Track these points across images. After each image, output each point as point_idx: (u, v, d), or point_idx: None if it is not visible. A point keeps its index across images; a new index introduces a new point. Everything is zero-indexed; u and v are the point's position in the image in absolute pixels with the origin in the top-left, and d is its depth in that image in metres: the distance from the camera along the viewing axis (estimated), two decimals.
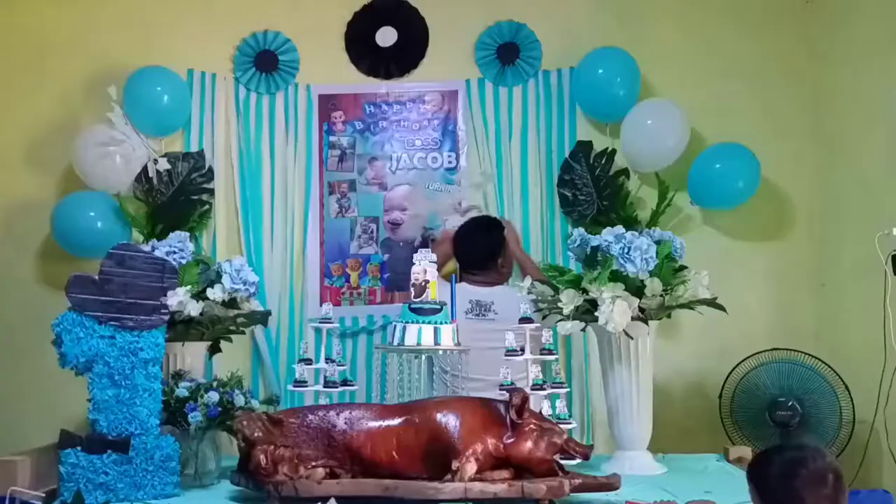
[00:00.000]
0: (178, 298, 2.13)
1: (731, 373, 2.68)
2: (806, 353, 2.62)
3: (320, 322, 2.31)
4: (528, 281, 2.38)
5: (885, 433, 2.46)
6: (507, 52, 3.09)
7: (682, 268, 2.24)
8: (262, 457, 1.79)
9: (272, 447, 1.80)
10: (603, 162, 2.98)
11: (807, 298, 2.97)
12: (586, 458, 1.86)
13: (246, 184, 3.04)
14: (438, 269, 2.31)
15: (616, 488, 1.79)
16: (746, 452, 2.37)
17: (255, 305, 2.40)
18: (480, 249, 2.60)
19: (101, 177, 2.90)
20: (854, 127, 2.81)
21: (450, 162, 3.10)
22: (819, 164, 3.00)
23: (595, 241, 2.22)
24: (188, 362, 2.23)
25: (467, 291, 2.51)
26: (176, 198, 2.94)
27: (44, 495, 1.78)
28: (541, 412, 1.95)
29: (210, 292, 2.22)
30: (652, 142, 2.86)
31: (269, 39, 3.09)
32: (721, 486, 1.98)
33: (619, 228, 2.21)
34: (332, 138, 3.10)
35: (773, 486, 1.41)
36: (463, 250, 2.64)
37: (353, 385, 2.29)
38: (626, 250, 2.12)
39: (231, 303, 2.29)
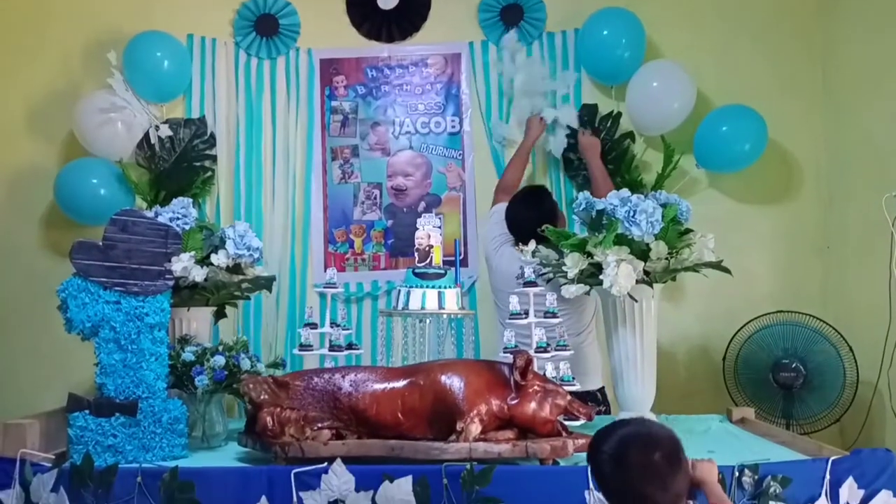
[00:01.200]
0: (183, 264, 2.13)
1: (735, 335, 2.68)
2: (810, 315, 2.62)
3: (325, 287, 2.32)
4: (531, 245, 2.37)
5: (889, 394, 2.47)
6: (511, 14, 3.05)
7: (688, 231, 2.22)
8: (268, 419, 1.80)
9: (278, 409, 1.82)
10: (608, 125, 2.95)
11: (812, 261, 2.96)
12: (590, 418, 1.87)
13: (247, 150, 3.02)
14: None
15: None
16: (749, 413, 2.38)
17: (260, 271, 2.41)
18: (531, 223, 2.56)
19: (103, 143, 2.89)
20: (863, 87, 2.77)
21: (453, 126, 3.08)
22: (827, 126, 2.97)
23: (600, 204, 2.20)
24: (194, 327, 2.24)
25: (518, 257, 2.49)
26: (178, 164, 2.93)
27: (53, 457, 1.80)
28: (544, 375, 1.96)
29: (214, 258, 2.22)
30: (657, 104, 2.83)
31: (269, 3, 3.05)
32: (723, 447, 1.99)
33: (625, 191, 2.19)
34: (333, 103, 3.08)
35: (605, 473, 1.40)
36: (514, 223, 2.60)
37: (358, 349, 2.30)
38: (631, 213, 2.11)
39: (235, 268, 2.29)
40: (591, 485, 1.62)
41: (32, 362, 2.98)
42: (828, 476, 1.71)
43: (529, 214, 2.42)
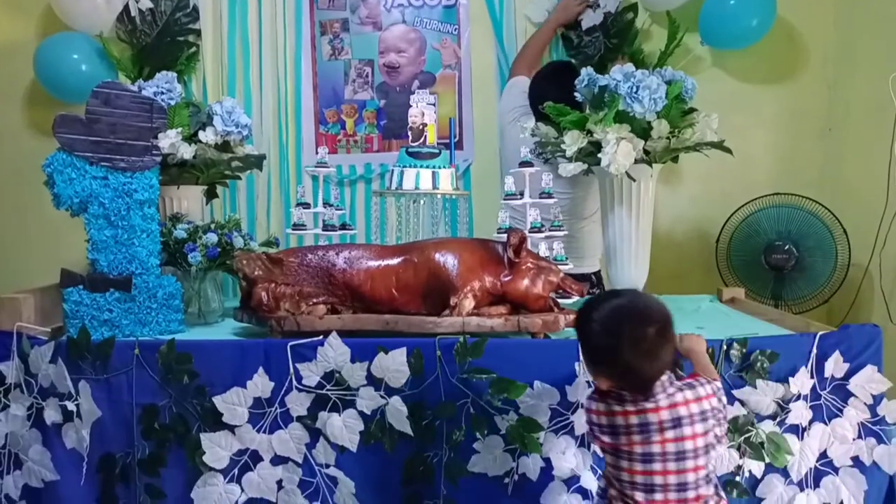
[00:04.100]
0: (170, 140, 2.08)
1: (730, 217, 2.67)
2: (806, 198, 2.60)
3: (316, 167, 2.28)
4: (531, 123, 2.31)
5: (879, 275, 2.49)
6: None
7: (692, 110, 2.16)
8: (263, 294, 1.81)
9: (273, 285, 1.82)
10: None
11: (813, 143, 2.91)
12: (582, 295, 1.88)
13: (231, 23, 2.89)
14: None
15: None
16: (740, 293, 2.41)
17: (250, 150, 2.36)
18: (557, 99, 2.47)
19: (82, 16, 2.76)
20: None
21: None
22: (837, 1, 2.85)
23: (603, 80, 2.13)
24: (185, 206, 2.22)
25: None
26: (161, 39, 2.80)
27: (49, 331, 1.81)
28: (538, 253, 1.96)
29: (202, 135, 2.16)
30: None
31: None
32: (713, 324, 2.02)
33: (630, 66, 2.11)
34: None
35: (595, 342, 1.41)
36: (539, 100, 2.50)
37: (351, 229, 2.28)
38: (634, 90, 2.04)
39: (224, 146, 2.23)
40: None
41: (23, 246, 2.97)
42: (815, 350, 1.74)
43: (558, 95, 2.33)
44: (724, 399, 1.50)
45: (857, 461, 1.75)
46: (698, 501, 1.40)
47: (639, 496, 1.40)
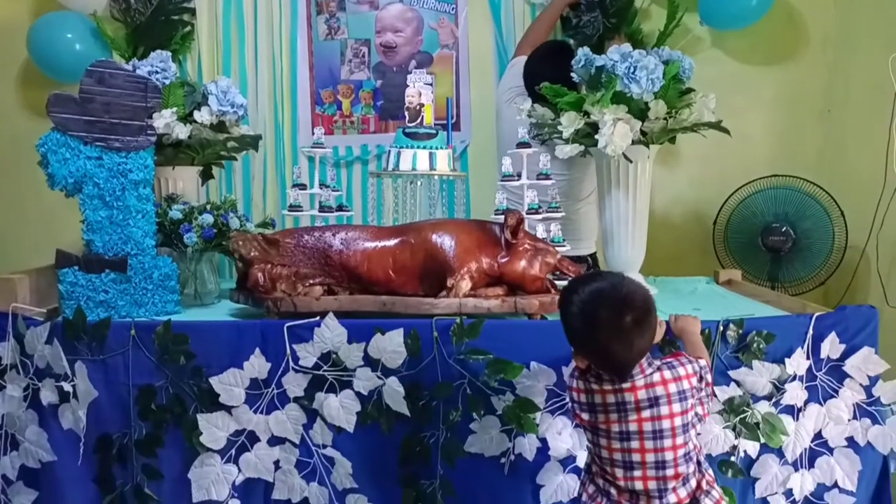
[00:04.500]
0: (165, 120, 2.07)
1: (727, 199, 2.67)
2: (804, 180, 2.59)
3: (312, 147, 2.27)
4: (527, 104, 2.29)
5: (876, 256, 2.49)
6: None
7: (689, 90, 2.15)
8: (259, 275, 1.81)
9: (269, 266, 1.82)
10: None
11: (812, 125, 2.90)
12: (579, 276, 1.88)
13: (228, 3, 2.85)
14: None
15: None
16: (736, 275, 2.41)
17: (245, 130, 2.34)
18: (551, 82, 2.44)
19: None
20: None
21: None
22: None
23: (600, 60, 2.11)
24: (180, 187, 2.21)
25: None
26: (156, 18, 2.77)
27: (45, 312, 1.81)
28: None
29: (197, 115, 2.15)
30: None
31: None
32: (709, 305, 2.03)
33: (627, 46, 2.09)
34: None
35: (572, 324, 1.41)
36: (532, 79, 2.48)
37: (348, 210, 2.27)
38: (631, 70, 2.02)
39: (220, 126, 2.22)
40: None
41: (20, 227, 2.96)
42: (811, 331, 1.74)
43: (553, 74, 2.31)
44: (709, 377, 1.50)
45: (851, 441, 1.76)
46: (678, 479, 1.41)
47: (618, 473, 1.41)
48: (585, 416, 1.44)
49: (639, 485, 1.40)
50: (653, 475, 1.40)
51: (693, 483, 1.43)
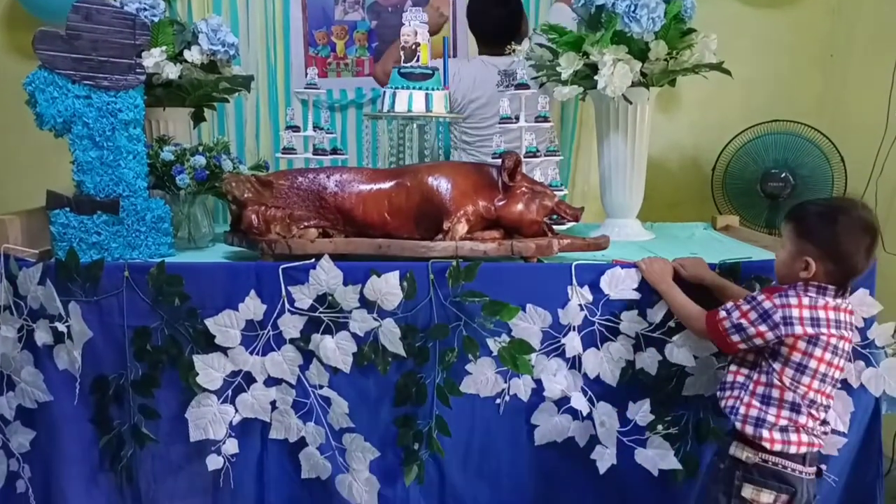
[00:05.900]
0: (155, 59, 2.02)
1: (727, 145, 2.64)
2: (805, 125, 2.56)
3: (306, 88, 2.22)
4: (525, 45, 2.25)
5: (875, 203, 2.48)
6: None
7: (690, 31, 2.10)
8: (253, 217, 1.79)
9: (263, 207, 1.80)
10: None
11: (814, 70, 2.86)
12: (576, 219, 1.87)
13: None
14: None
15: (604, 248, 1.81)
16: (734, 221, 2.40)
17: (237, 71, 2.29)
18: (499, 25, 2.37)
19: None
20: None
21: None
22: None
23: None
24: (172, 129, 2.17)
25: (493, 63, 2.34)
26: None
27: (37, 253, 1.79)
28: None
29: (188, 54, 2.10)
30: None
31: None
32: (707, 250, 2.01)
33: None
34: None
35: (812, 225, 1.47)
36: (480, 28, 2.41)
37: (343, 153, 2.24)
38: (632, 8, 1.97)
39: (211, 66, 2.17)
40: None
41: (12, 172, 2.92)
42: None
43: (497, 11, 2.23)
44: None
45: (844, 383, 1.77)
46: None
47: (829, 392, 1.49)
48: (810, 329, 1.44)
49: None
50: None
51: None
